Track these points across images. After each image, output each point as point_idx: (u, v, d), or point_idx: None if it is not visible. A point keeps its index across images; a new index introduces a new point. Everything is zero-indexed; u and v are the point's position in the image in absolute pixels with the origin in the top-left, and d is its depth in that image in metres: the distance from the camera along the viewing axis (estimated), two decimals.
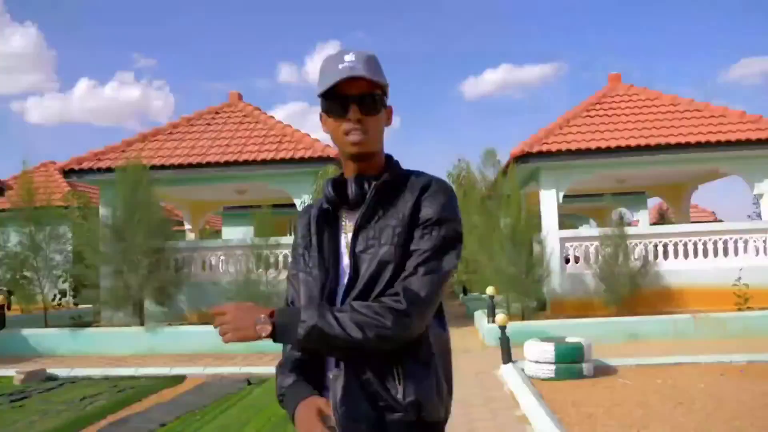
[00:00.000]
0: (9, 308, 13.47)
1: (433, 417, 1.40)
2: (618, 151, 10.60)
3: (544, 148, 10.68)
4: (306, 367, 1.46)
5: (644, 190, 17.24)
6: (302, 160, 10.99)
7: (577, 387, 6.10)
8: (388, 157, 1.54)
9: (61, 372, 7.77)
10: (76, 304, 14.72)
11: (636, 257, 10.42)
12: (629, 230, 10.77)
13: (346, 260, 1.45)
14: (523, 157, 10.72)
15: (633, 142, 10.63)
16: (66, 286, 14.10)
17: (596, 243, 10.67)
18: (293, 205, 11.45)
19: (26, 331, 10.05)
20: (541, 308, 10.86)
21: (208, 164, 11.07)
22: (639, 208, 19.58)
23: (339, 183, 1.50)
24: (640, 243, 10.67)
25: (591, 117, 11.72)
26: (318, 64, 1.50)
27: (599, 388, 6.04)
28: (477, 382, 6.79)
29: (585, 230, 12.52)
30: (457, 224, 1.43)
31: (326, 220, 1.50)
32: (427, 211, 1.40)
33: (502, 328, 7.40)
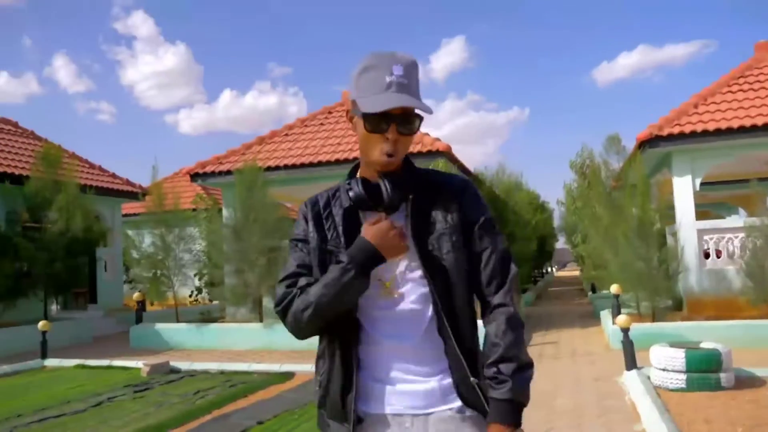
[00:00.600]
0: (152, 303, 14.71)
1: None
2: (766, 129, 9.25)
3: (676, 130, 9.59)
4: None
5: None
6: (411, 155, 10.71)
7: (713, 400, 5.29)
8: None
9: (183, 365, 8.20)
10: (210, 300, 15.72)
11: None
12: None
13: None
14: (651, 141, 9.71)
15: None
16: (201, 283, 15.14)
17: (741, 235, 9.41)
18: None
19: (159, 326, 10.80)
20: (676, 308, 9.80)
21: (319, 163, 11.23)
22: None
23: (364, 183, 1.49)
24: None
25: (733, 92, 10.36)
26: (443, 61, 1.42)
27: (740, 403, 5.20)
28: (595, 389, 6.18)
29: (727, 221, 11.11)
30: (490, 212, 1.58)
31: (351, 219, 1.50)
32: (473, 213, 1.51)
33: (625, 330, 6.68)
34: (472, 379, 1.43)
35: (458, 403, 1.44)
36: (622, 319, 6.78)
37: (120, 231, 14.96)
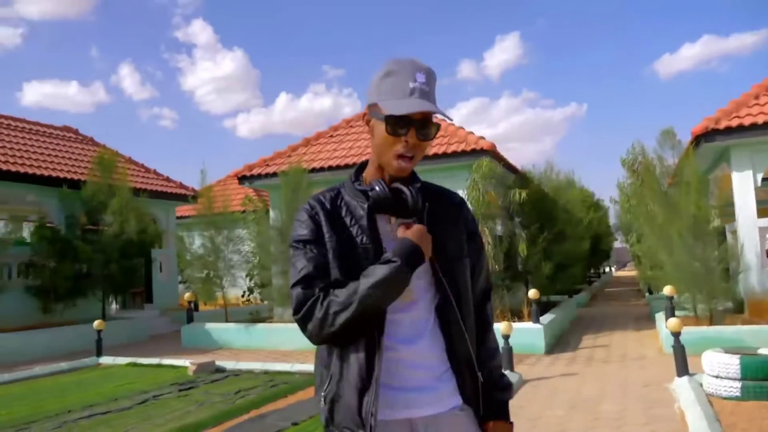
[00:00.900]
0: (205, 303, 15.09)
1: None
2: None
3: (734, 122, 9.07)
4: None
5: None
6: (455, 154, 10.67)
7: None
8: None
9: (228, 364, 8.34)
10: (262, 300, 16.01)
11: None
12: None
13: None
14: (707, 135, 9.22)
15: None
16: (251, 283, 15.42)
17: None
18: None
19: (209, 325, 11.06)
20: (737, 311, 9.29)
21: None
22: None
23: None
24: None
25: None
26: (497, 58, 1.45)
27: None
28: (642, 395, 5.91)
29: None
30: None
31: (372, 220, 1.51)
32: (471, 226, 1.66)
33: (676, 334, 6.35)
34: (480, 379, 1.56)
35: (460, 401, 1.52)
36: (672, 322, 6.45)
37: (174, 233, 15.43)
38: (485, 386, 1.57)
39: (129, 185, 12.42)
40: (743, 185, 9.36)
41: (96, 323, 9.45)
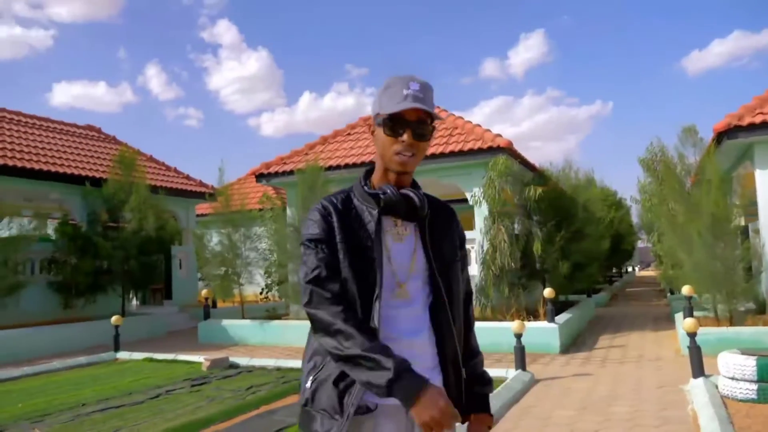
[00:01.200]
0: (224, 300, 15.21)
1: None
2: None
3: (758, 119, 8.85)
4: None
5: None
6: (471, 152, 10.60)
7: None
8: None
9: (242, 360, 8.41)
10: (280, 298, 16.09)
11: None
12: None
13: (385, 261, 1.58)
14: (729, 132, 9.02)
15: None
16: (270, 281, 15.50)
17: None
18: (464, 200, 11.09)
19: (225, 322, 11.16)
20: (759, 311, 9.06)
21: None
22: None
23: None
24: None
25: None
26: (521, 56, 1.51)
27: None
28: (656, 397, 5.80)
29: None
30: None
31: (379, 224, 1.60)
32: (462, 235, 1.79)
33: (692, 335, 6.22)
34: (464, 375, 1.67)
35: None
36: (688, 322, 6.32)
37: (194, 230, 15.60)
38: (468, 381, 1.69)
39: (148, 183, 12.58)
40: (767, 183, 9.13)
41: (114, 319, 9.59)
